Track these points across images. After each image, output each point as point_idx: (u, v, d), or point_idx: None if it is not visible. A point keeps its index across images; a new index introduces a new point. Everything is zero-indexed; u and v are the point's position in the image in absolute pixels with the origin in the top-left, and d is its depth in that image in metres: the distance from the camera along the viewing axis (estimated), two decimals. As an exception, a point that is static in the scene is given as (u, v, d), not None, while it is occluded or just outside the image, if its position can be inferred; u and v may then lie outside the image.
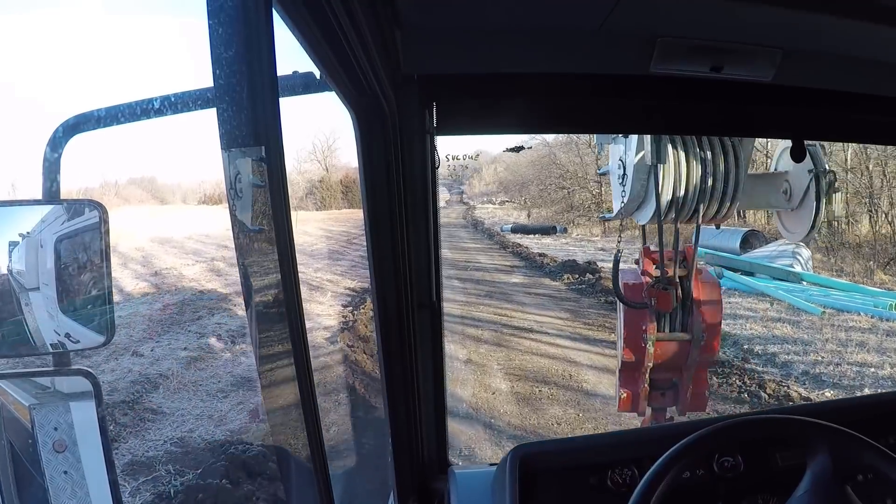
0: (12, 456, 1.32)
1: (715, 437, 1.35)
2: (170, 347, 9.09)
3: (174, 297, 12.48)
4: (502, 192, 45.48)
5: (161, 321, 10.53)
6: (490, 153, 50.27)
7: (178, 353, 8.82)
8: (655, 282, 3.59)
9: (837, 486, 1.27)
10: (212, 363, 8.58)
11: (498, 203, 43.09)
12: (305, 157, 38.29)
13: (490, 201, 45.14)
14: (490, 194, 47.70)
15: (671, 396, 3.82)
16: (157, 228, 20.49)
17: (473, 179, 52.00)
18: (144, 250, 17.75)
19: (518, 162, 40.03)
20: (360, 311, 10.82)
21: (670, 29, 1.41)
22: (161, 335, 9.73)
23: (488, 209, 40.67)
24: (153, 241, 19.14)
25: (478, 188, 50.60)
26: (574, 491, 1.56)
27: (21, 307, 1.16)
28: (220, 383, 7.85)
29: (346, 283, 14.01)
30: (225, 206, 0.81)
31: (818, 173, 3.41)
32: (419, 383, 1.73)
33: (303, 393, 0.77)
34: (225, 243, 17.13)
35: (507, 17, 1.40)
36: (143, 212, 24.99)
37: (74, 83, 33.76)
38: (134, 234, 18.60)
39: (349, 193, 34.70)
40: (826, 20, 1.31)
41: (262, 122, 0.64)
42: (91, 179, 26.11)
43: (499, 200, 44.01)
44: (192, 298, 12.18)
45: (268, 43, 0.64)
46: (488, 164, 50.78)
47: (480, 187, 50.45)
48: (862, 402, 2.19)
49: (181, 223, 21.37)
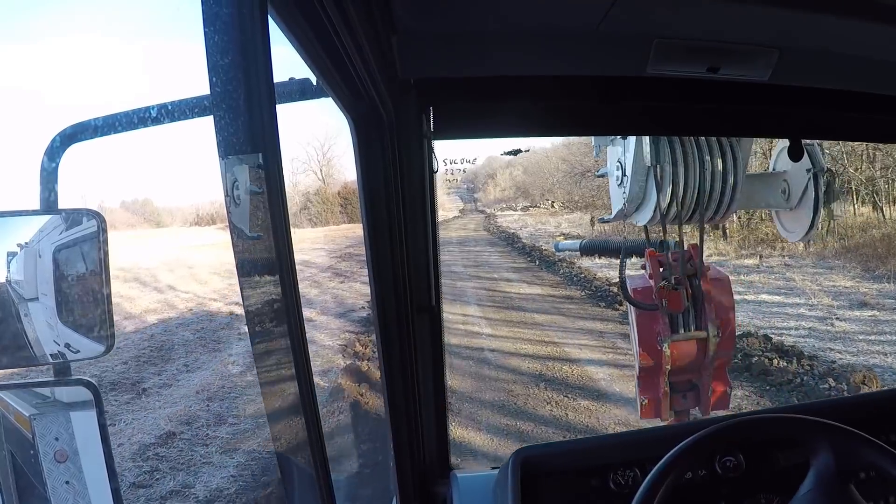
0: (14, 467, 1.31)
1: (717, 436, 1.35)
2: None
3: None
4: (521, 197, 42.83)
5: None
6: (503, 158, 49.02)
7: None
8: (664, 282, 3.57)
9: (841, 484, 1.26)
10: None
11: (520, 209, 39.18)
12: (300, 168, 37.42)
13: (510, 207, 41.33)
14: (508, 200, 44.75)
15: (693, 398, 3.78)
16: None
17: (488, 186, 50.62)
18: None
19: (538, 162, 38.19)
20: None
21: (666, 30, 1.41)
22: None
23: (513, 217, 35.60)
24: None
25: (493, 195, 48.48)
26: (576, 493, 1.56)
27: (20, 317, 1.15)
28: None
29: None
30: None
31: (816, 172, 3.40)
32: (420, 387, 1.72)
33: (303, 398, 0.77)
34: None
35: (502, 21, 1.40)
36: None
37: (71, 92, 33.80)
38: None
39: (348, 206, 31.91)
40: (822, 19, 1.31)
41: (259, 128, 0.64)
42: (93, 188, 26.17)
43: (521, 206, 40.36)
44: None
45: (264, 50, 0.64)
46: (503, 169, 49.47)
47: (496, 193, 48.42)
48: (862, 399, 2.19)
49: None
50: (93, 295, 1.12)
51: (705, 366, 3.62)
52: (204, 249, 21.88)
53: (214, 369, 9.71)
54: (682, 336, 3.57)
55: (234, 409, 7.93)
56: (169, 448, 6.95)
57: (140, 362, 10.33)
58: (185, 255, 21.56)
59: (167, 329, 12.68)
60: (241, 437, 7.08)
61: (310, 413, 0.78)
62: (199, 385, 9.02)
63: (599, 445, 1.75)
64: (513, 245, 23.59)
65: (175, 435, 7.22)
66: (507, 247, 23.51)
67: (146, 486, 6.07)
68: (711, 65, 1.47)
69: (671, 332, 3.56)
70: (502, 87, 1.59)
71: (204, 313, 13.93)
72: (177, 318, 13.77)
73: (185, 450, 6.86)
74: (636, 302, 3.63)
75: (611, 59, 1.50)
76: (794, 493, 1.40)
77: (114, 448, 1.37)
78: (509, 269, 18.23)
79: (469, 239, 26.83)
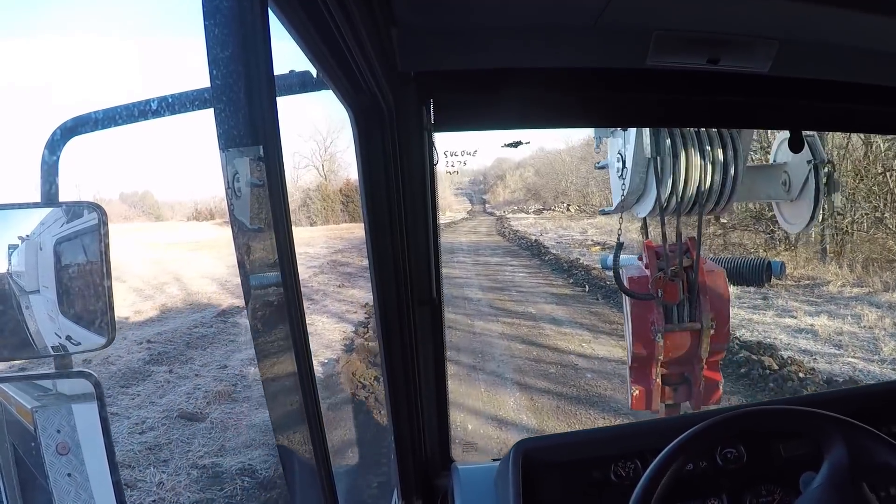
0: (16, 459, 1.32)
1: (723, 427, 1.33)
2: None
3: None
4: (532, 199, 41.84)
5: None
6: (513, 159, 48.36)
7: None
8: (661, 273, 3.58)
9: (854, 481, 1.25)
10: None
11: (533, 212, 37.43)
12: (302, 163, 36.99)
13: (522, 210, 39.64)
14: (518, 202, 43.70)
15: (684, 391, 3.80)
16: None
17: (497, 187, 50.02)
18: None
19: (550, 163, 37.08)
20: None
21: (665, 22, 1.41)
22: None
23: (528, 220, 32.23)
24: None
25: (503, 196, 47.86)
26: (577, 485, 1.57)
27: (21, 310, 1.16)
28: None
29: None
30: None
31: (817, 164, 3.40)
32: (421, 380, 1.73)
33: (305, 391, 0.77)
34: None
35: (502, 13, 1.40)
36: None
37: (71, 85, 33.70)
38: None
39: (350, 204, 30.67)
40: (822, 10, 1.31)
41: (259, 121, 0.65)
42: (91, 180, 26.12)
43: (533, 209, 38.79)
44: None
45: (264, 42, 0.64)
46: (512, 170, 48.84)
47: (506, 195, 47.78)
48: (862, 392, 2.20)
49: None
50: (94, 287, 1.12)
51: (698, 358, 3.64)
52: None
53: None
54: (677, 327, 3.59)
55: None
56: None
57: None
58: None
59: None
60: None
61: (311, 405, 0.79)
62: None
63: (600, 437, 1.75)
64: (540, 257, 18.93)
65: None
66: (534, 258, 18.97)
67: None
68: (711, 57, 1.46)
69: (665, 322, 3.57)
70: (502, 80, 1.59)
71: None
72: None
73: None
74: (631, 291, 3.64)
75: (610, 52, 1.50)
76: (795, 484, 1.40)
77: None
78: (549, 299, 12.65)
79: (482, 245, 23.15)
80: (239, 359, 9.48)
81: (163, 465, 5.97)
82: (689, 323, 3.58)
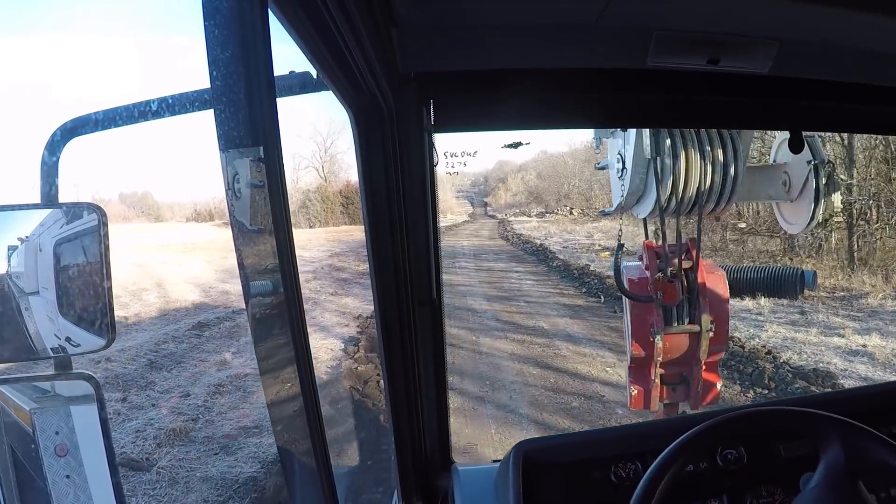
0: (14, 461, 1.32)
1: (723, 428, 1.33)
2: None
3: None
4: (534, 202, 41.89)
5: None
6: (515, 162, 48.44)
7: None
8: (660, 274, 3.58)
9: (850, 480, 1.25)
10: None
11: (536, 215, 37.39)
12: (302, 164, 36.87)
13: (524, 213, 39.64)
14: (520, 205, 43.76)
15: (682, 392, 3.81)
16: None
17: (499, 190, 50.04)
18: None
19: (553, 166, 36.92)
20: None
21: (666, 22, 1.41)
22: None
23: (531, 224, 32.05)
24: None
25: (504, 199, 48.01)
26: (577, 486, 1.56)
27: (21, 311, 1.15)
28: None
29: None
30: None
31: (817, 164, 3.40)
32: (421, 381, 1.73)
33: (305, 392, 0.77)
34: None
35: (503, 14, 1.40)
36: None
37: (71, 85, 33.69)
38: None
39: (350, 206, 30.18)
40: (822, 11, 1.31)
41: (259, 122, 0.64)
42: (90, 181, 26.12)
43: (535, 212, 38.74)
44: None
45: (264, 43, 0.64)
46: (514, 173, 48.89)
47: (507, 198, 47.90)
48: (862, 392, 2.19)
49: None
50: (93, 289, 1.12)
51: (697, 359, 3.65)
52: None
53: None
54: (676, 329, 3.60)
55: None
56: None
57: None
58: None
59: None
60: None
61: (311, 404, 0.79)
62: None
63: (600, 438, 1.75)
64: (547, 263, 18.37)
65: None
66: (540, 265, 18.25)
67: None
68: (711, 57, 1.46)
69: (665, 324, 3.58)
70: (502, 80, 1.59)
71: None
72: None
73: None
74: (631, 293, 3.65)
75: (610, 52, 1.50)
76: (795, 485, 1.40)
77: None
78: (562, 311, 11.94)
79: (485, 249, 22.36)
80: (205, 384, 8.53)
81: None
82: (688, 325, 3.59)
